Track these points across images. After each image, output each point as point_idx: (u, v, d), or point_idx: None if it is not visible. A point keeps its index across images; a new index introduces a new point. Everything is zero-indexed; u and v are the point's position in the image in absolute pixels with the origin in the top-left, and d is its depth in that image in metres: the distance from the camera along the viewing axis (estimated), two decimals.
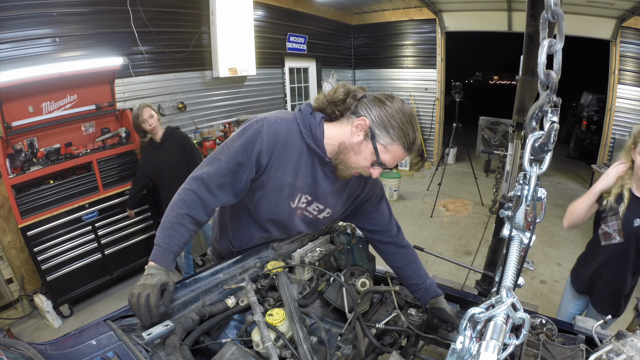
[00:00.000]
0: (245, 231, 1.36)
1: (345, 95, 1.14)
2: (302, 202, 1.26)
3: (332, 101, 1.15)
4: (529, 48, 1.20)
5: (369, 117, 1.08)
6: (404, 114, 1.08)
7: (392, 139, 1.07)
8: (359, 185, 1.32)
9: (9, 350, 0.77)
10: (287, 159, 1.16)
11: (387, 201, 1.41)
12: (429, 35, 7.03)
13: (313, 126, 1.16)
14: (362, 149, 1.10)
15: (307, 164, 1.19)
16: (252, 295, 1.06)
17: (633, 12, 5.14)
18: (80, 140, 3.24)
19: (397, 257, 1.38)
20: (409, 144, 1.09)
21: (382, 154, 1.09)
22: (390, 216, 1.39)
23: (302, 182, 1.21)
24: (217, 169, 1.13)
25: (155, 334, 0.90)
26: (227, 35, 4.56)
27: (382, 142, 1.08)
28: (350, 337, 1.12)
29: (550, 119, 0.71)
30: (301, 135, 1.15)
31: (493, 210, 4.87)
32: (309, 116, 1.17)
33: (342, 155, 1.14)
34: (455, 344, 0.64)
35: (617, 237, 1.74)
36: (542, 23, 0.69)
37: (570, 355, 1.08)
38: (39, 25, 3.08)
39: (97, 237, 3.20)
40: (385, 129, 1.07)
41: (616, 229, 1.74)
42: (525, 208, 0.91)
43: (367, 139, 1.09)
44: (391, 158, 1.11)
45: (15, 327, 3.00)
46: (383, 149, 1.09)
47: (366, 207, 1.37)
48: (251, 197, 1.25)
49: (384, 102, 1.09)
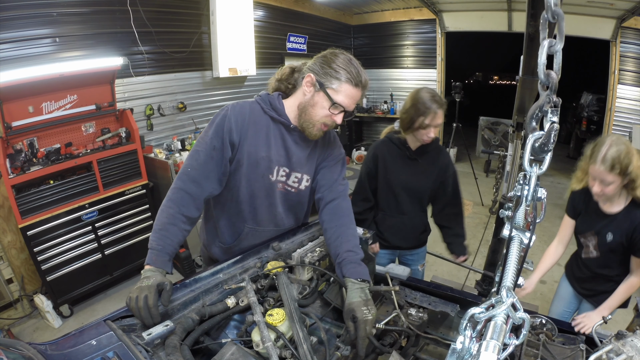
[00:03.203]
0: (235, 223, 1.40)
1: (291, 70, 1.33)
2: (281, 175, 1.35)
3: (280, 79, 1.34)
4: (529, 48, 1.21)
5: (312, 73, 1.22)
6: (343, 57, 1.21)
7: (339, 80, 1.19)
8: (325, 149, 1.43)
9: (9, 350, 0.77)
10: (256, 134, 1.27)
11: (344, 168, 1.47)
12: (429, 36, 7.02)
13: (272, 101, 1.30)
14: (316, 100, 1.22)
15: (276, 136, 1.30)
16: (252, 295, 1.06)
17: (633, 12, 5.14)
18: (80, 140, 3.24)
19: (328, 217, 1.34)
20: (356, 80, 1.20)
21: (334, 96, 1.20)
22: (339, 177, 1.43)
23: (275, 154, 1.31)
24: (197, 159, 1.23)
25: (155, 334, 0.90)
26: (227, 35, 4.56)
27: (331, 86, 1.20)
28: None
29: (550, 119, 0.71)
30: (263, 110, 1.29)
31: (493, 210, 4.87)
32: (267, 95, 1.32)
33: (303, 114, 1.26)
34: (455, 344, 0.65)
35: (594, 252, 1.75)
36: (542, 23, 0.69)
37: (570, 355, 1.08)
38: (39, 25, 3.08)
39: (97, 237, 3.21)
40: (330, 74, 1.19)
41: (593, 243, 1.75)
42: (525, 208, 0.91)
43: (318, 89, 1.21)
44: (345, 97, 1.21)
45: (15, 327, 3.00)
46: (334, 92, 1.20)
47: (323, 164, 1.43)
48: (233, 181, 1.32)
49: (323, 55, 1.24)
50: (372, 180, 2.07)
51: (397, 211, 2.06)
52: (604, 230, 1.68)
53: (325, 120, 1.25)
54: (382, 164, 2.03)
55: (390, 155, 2.01)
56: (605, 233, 1.67)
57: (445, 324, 1.38)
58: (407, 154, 1.97)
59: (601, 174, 1.52)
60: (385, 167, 2.02)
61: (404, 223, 2.08)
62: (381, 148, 2.06)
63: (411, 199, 2.02)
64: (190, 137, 4.38)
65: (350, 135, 7.98)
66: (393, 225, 2.10)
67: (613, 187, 1.54)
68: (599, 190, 1.57)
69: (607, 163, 1.49)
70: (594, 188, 1.58)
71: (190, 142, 4.09)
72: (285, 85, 1.35)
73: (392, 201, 2.04)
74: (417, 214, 2.08)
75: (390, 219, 2.09)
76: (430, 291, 1.44)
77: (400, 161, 1.99)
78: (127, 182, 3.35)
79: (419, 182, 2.00)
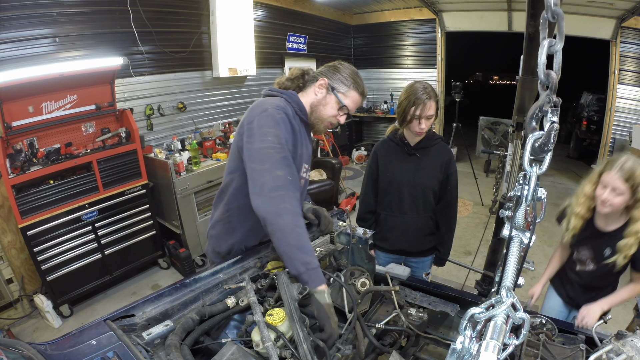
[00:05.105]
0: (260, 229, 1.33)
1: (302, 73, 1.47)
2: (303, 171, 1.49)
3: (292, 78, 1.46)
4: (529, 48, 1.21)
5: (326, 78, 1.40)
6: (351, 70, 1.42)
7: (348, 87, 1.40)
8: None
9: (9, 350, 0.77)
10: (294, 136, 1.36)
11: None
12: (429, 35, 7.02)
13: (299, 103, 1.42)
14: (327, 101, 1.41)
15: (303, 135, 1.44)
16: (252, 295, 1.06)
17: (633, 12, 5.14)
18: (80, 140, 3.24)
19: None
20: (361, 89, 1.42)
21: (343, 100, 1.40)
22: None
23: (304, 152, 1.45)
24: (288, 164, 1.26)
25: (155, 334, 0.90)
26: (227, 35, 4.55)
27: (342, 91, 1.39)
28: (350, 337, 1.12)
29: (550, 119, 0.71)
30: (295, 112, 1.40)
31: (493, 210, 4.87)
32: (294, 95, 1.42)
33: (315, 112, 1.43)
34: (455, 344, 0.65)
35: (590, 265, 1.75)
36: (542, 23, 0.69)
37: (570, 355, 1.08)
38: (39, 25, 3.08)
39: (97, 237, 3.20)
40: (341, 81, 1.39)
41: (588, 257, 1.74)
42: (525, 208, 0.91)
43: (330, 92, 1.40)
44: (351, 102, 1.41)
45: (15, 327, 3.00)
46: (343, 96, 1.40)
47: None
48: None
49: (333, 65, 1.44)
50: (375, 181, 2.07)
51: (398, 210, 2.02)
52: (601, 247, 1.68)
53: (332, 120, 1.43)
54: (382, 162, 2.02)
55: (390, 152, 2.01)
56: (602, 249, 1.68)
57: (445, 324, 1.38)
58: (405, 150, 1.96)
59: (615, 181, 1.52)
60: (385, 164, 2.01)
61: (406, 223, 2.03)
62: (380, 146, 2.06)
63: (412, 196, 1.98)
64: (190, 137, 4.38)
65: (350, 135, 7.99)
66: (395, 226, 2.06)
67: (621, 199, 1.53)
68: (608, 198, 1.55)
69: (624, 172, 1.51)
70: (604, 195, 1.56)
71: (190, 142, 4.08)
72: (295, 84, 1.46)
73: (394, 200, 2.02)
74: (419, 214, 2.01)
75: (392, 219, 2.06)
76: (430, 291, 1.44)
77: (399, 157, 1.98)
78: (127, 182, 3.34)
79: (420, 178, 1.96)
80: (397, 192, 2.00)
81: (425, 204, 2.01)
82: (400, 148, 1.98)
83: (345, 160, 7.22)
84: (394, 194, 2.01)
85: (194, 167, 3.65)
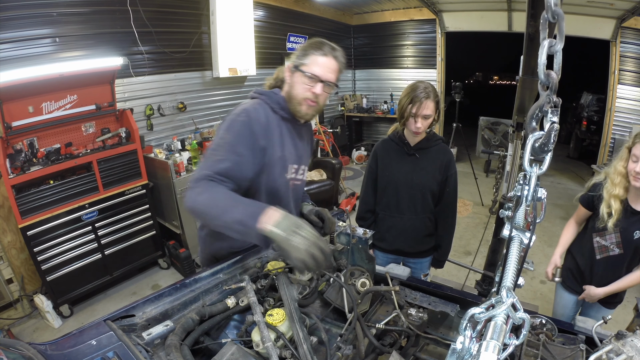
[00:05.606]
0: None
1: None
2: (292, 171, 1.45)
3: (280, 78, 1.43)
4: (529, 48, 1.21)
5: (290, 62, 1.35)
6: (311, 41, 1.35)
7: (307, 55, 1.31)
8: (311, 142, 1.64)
9: (9, 350, 0.77)
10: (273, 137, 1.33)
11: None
12: (429, 36, 7.02)
13: (278, 99, 1.38)
14: (295, 80, 1.34)
15: (286, 134, 1.39)
16: (252, 296, 1.06)
17: (633, 12, 5.14)
18: (80, 141, 3.24)
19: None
20: (323, 50, 1.30)
21: (308, 70, 1.30)
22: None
23: (288, 152, 1.40)
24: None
25: (155, 334, 0.90)
26: (227, 35, 4.56)
27: (304, 63, 1.31)
28: (351, 337, 1.12)
29: (550, 119, 0.71)
30: (273, 110, 1.36)
31: (493, 211, 4.87)
32: (272, 94, 1.39)
33: (289, 98, 1.36)
34: (455, 344, 0.64)
35: (615, 250, 1.72)
36: (542, 23, 0.69)
37: (570, 355, 1.08)
38: (39, 25, 3.08)
39: (97, 237, 3.21)
40: (300, 56, 1.32)
41: (614, 241, 1.72)
42: (525, 208, 0.91)
43: (295, 70, 1.33)
44: (317, 67, 1.30)
45: (15, 327, 3.00)
46: (306, 67, 1.30)
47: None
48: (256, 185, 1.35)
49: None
50: (375, 181, 2.07)
51: (396, 210, 2.03)
52: (631, 228, 1.65)
53: (307, 95, 1.33)
54: (382, 161, 2.02)
55: (389, 151, 2.01)
56: (633, 230, 1.64)
57: (445, 324, 1.38)
58: (405, 150, 1.96)
59: None
60: (384, 163, 2.01)
61: (404, 223, 2.03)
62: (381, 146, 2.06)
63: (410, 197, 1.98)
64: (190, 137, 4.38)
65: (350, 135, 7.98)
66: (393, 226, 2.06)
67: None
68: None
69: None
70: (638, 167, 1.54)
71: (190, 142, 4.08)
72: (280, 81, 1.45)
73: (392, 199, 2.02)
74: (417, 214, 2.01)
75: (390, 219, 2.06)
76: (430, 291, 1.43)
77: (398, 157, 1.98)
78: (127, 182, 3.35)
79: (418, 179, 1.95)
80: (395, 192, 2.00)
81: (424, 205, 2.00)
82: (400, 148, 1.98)
83: (345, 161, 7.21)
84: (392, 193, 2.01)
85: (194, 167, 3.66)
